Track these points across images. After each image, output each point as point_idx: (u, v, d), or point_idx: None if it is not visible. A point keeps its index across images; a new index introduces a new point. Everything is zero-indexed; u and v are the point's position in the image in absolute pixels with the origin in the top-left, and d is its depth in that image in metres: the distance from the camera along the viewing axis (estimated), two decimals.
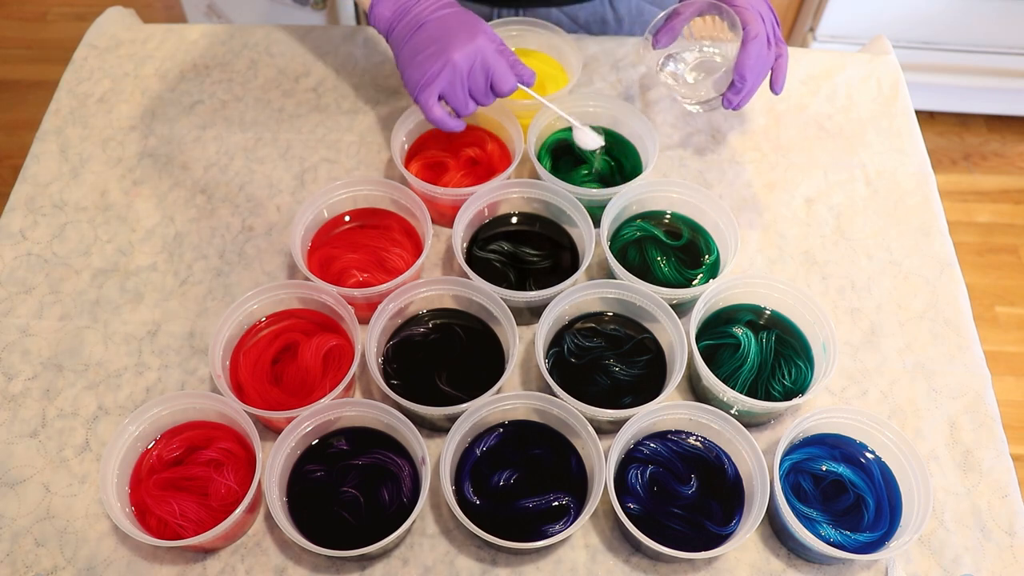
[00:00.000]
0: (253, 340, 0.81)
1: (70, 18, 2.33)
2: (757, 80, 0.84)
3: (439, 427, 0.79)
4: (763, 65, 0.84)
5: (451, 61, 0.79)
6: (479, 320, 0.83)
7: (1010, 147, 2.10)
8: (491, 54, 0.80)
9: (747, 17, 0.83)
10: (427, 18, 0.81)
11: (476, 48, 0.79)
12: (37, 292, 0.87)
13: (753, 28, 0.82)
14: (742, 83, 0.83)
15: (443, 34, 0.80)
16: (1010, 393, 1.73)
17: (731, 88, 0.84)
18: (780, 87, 0.88)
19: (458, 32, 0.80)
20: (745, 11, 0.84)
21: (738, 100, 0.85)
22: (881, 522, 0.72)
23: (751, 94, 0.85)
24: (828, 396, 0.83)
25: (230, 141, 0.99)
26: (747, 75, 0.83)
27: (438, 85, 0.80)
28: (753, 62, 0.82)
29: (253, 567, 0.73)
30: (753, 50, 0.82)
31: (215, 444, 0.75)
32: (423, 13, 0.81)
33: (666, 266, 0.86)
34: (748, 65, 0.82)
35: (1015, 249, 1.94)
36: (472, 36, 0.79)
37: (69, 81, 1.04)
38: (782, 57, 0.87)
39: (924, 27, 1.85)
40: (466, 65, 0.79)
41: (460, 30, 0.80)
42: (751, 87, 0.84)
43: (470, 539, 0.74)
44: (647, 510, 0.73)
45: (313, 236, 0.87)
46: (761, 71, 0.84)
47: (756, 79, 0.84)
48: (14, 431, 0.79)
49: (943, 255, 0.92)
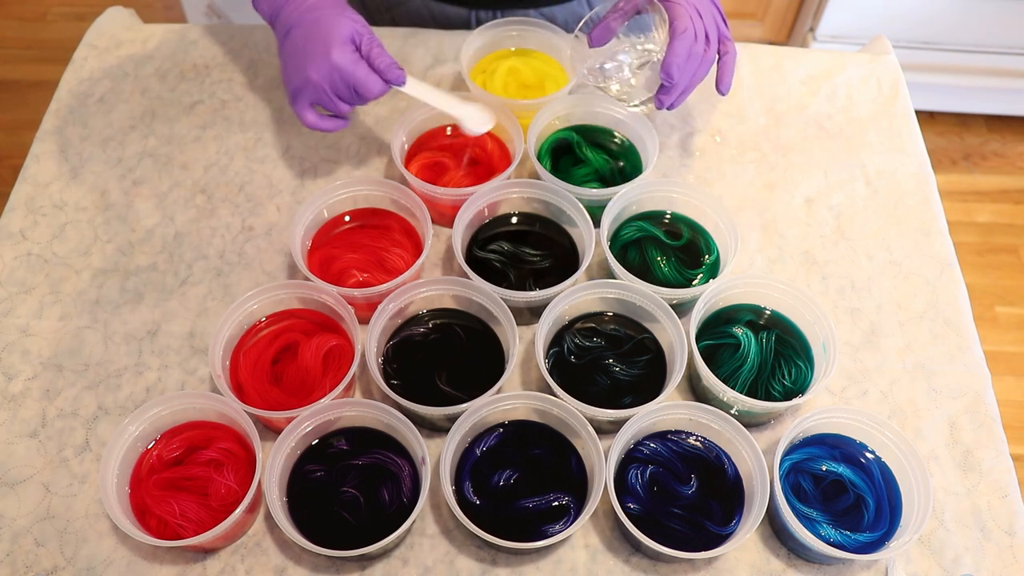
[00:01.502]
0: (253, 340, 0.81)
1: (70, 18, 2.33)
2: (688, 78, 0.81)
3: (439, 427, 0.79)
4: (695, 63, 0.80)
5: (310, 80, 0.80)
6: (479, 320, 0.83)
7: (1010, 147, 2.10)
8: (347, 66, 0.79)
9: (675, 12, 0.80)
10: (292, 23, 0.81)
11: (330, 65, 0.79)
12: (37, 292, 0.87)
13: (680, 23, 0.79)
14: (669, 81, 0.79)
15: (304, 46, 0.80)
16: (1010, 393, 1.73)
17: (661, 88, 0.81)
18: (726, 87, 0.84)
19: (315, 46, 0.79)
20: (675, 6, 0.80)
21: (670, 100, 0.82)
22: (881, 522, 0.72)
23: (686, 93, 0.83)
24: (828, 396, 0.83)
25: (230, 141, 0.99)
26: (673, 73, 0.79)
27: (305, 98, 0.82)
28: (681, 60, 0.79)
29: (253, 567, 0.73)
30: (679, 47, 0.78)
31: (215, 444, 0.75)
32: (290, 17, 0.81)
33: (666, 266, 0.86)
34: (674, 63, 0.78)
35: (1015, 249, 1.94)
36: (327, 50, 0.79)
37: (69, 81, 1.04)
38: (728, 55, 0.84)
39: (924, 27, 1.85)
40: (325, 81, 0.80)
41: (316, 43, 0.79)
42: (682, 86, 0.81)
43: (470, 539, 0.74)
44: (647, 510, 0.73)
45: (313, 236, 0.87)
46: (693, 69, 0.81)
47: (686, 77, 0.81)
48: (14, 431, 0.79)
49: (943, 255, 0.92)
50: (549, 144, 0.95)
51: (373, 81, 0.81)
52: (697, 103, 1.03)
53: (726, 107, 1.03)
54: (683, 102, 0.84)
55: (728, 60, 0.84)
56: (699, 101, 1.03)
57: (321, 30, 0.80)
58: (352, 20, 0.81)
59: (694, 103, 1.03)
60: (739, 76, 1.06)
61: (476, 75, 1.00)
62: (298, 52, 0.80)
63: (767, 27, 2.04)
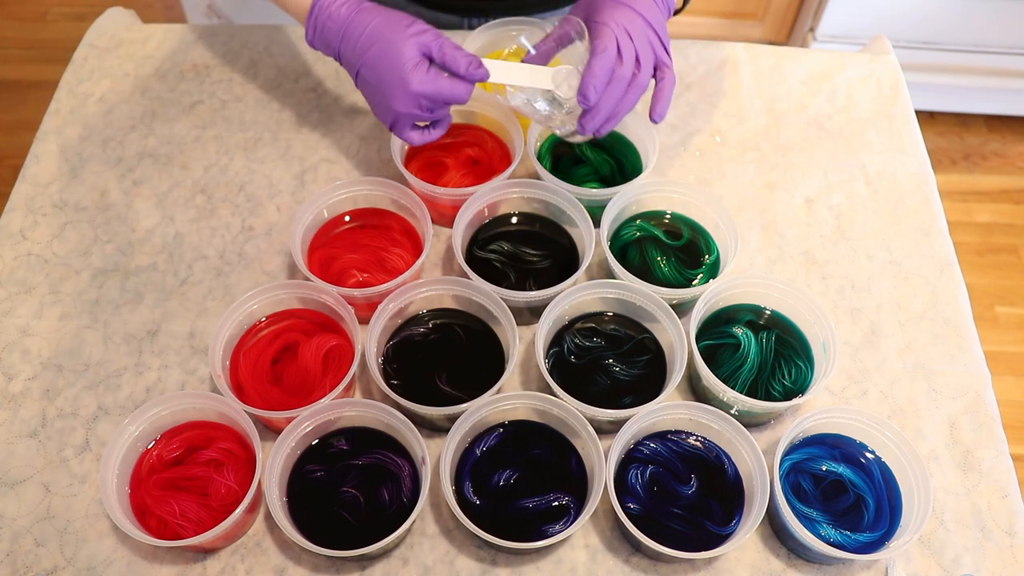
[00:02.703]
0: (253, 340, 0.81)
1: (70, 18, 2.33)
2: (612, 103, 0.76)
3: (439, 427, 0.79)
4: (619, 87, 0.76)
5: (400, 114, 0.77)
6: (479, 320, 0.83)
7: (1010, 147, 2.10)
8: (428, 87, 0.75)
9: (597, 31, 0.76)
10: (358, 64, 0.77)
11: (412, 95, 0.76)
12: (37, 292, 0.87)
13: (601, 42, 0.74)
14: (586, 104, 0.75)
15: (378, 85, 0.77)
16: (1010, 393, 1.73)
17: (582, 113, 0.77)
18: (659, 115, 0.79)
19: (390, 80, 0.76)
20: (599, 26, 0.76)
21: (593, 125, 0.77)
22: (881, 522, 0.72)
23: (613, 119, 0.78)
24: (828, 396, 0.83)
25: (230, 141, 0.99)
26: (590, 95, 0.74)
27: (401, 126, 0.80)
28: (598, 82, 0.74)
29: (253, 567, 0.73)
30: (596, 67, 0.74)
31: (215, 444, 0.75)
32: (352, 57, 0.78)
33: (666, 266, 0.86)
34: (591, 85, 0.74)
35: (1015, 249, 1.94)
36: (404, 83, 0.75)
37: (69, 81, 1.04)
38: (664, 81, 0.79)
39: (924, 27, 1.85)
40: (413, 109, 0.77)
41: (391, 77, 0.75)
42: (605, 110, 0.77)
43: (470, 539, 0.74)
44: (647, 510, 0.73)
45: (313, 236, 0.87)
46: (617, 94, 0.76)
47: (610, 101, 0.76)
48: (14, 431, 0.79)
49: (943, 255, 0.92)
50: (549, 144, 0.95)
51: (460, 88, 0.77)
52: (697, 103, 1.03)
53: (726, 107, 1.03)
54: (612, 128, 0.80)
55: (664, 87, 0.79)
56: (699, 101, 1.03)
57: (388, 63, 0.76)
58: (413, 35, 0.76)
59: (695, 103, 1.03)
60: (739, 76, 1.06)
61: None
62: (376, 90, 0.78)
63: (767, 27, 2.05)
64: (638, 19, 0.77)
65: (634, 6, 0.78)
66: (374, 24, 0.76)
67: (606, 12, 0.77)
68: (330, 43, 0.79)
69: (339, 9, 0.78)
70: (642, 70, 0.77)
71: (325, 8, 0.78)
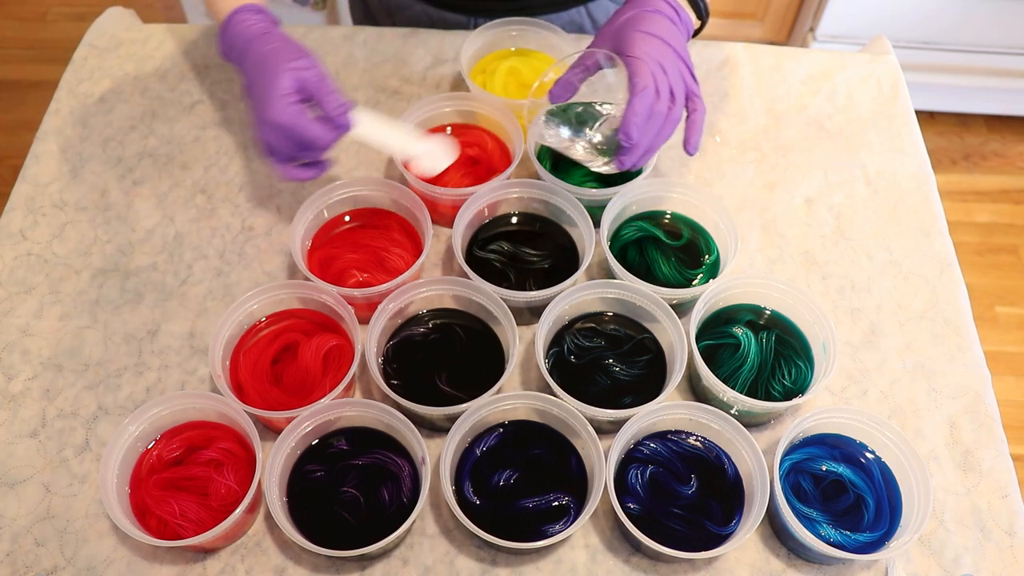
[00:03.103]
0: (253, 340, 0.81)
1: (70, 18, 2.34)
2: (650, 138, 0.77)
3: (439, 427, 0.79)
4: (658, 122, 0.76)
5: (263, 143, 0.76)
6: (479, 320, 0.83)
7: (1010, 147, 2.10)
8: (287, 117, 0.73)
9: (635, 68, 0.75)
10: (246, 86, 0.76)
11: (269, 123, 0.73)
12: (37, 292, 0.87)
13: (640, 81, 0.74)
14: (628, 142, 0.75)
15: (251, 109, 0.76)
16: (1010, 393, 1.73)
17: (620, 149, 0.77)
18: (693, 148, 0.80)
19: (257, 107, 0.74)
20: (636, 61, 0.75)
21: (631, 161, 0.77)
22: (881, 522, 0.72)
23: (649, 153, 0.78)
24: (828, 396, 0.83)
25: (230, 141, 0.99)
26: (632, 133, 0.74)
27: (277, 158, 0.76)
28: (640, 120, 0.74)
29: (253, 567, 0.73)
30: (638, 105, 0.74)
31: (215, 444, 0.75)
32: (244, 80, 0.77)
33: (666, 266, 0.86)
34: (633, 123, 0.74)
35: (1015, 249, 1.94)
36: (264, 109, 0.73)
37: (69, 81, 1.04)
38: (696, 112, 0.79)
39: (924, 27, 1.85)
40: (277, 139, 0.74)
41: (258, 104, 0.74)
42: (643, 146, 0.77)
43: (470, 539, 0.74)
44: (647, 510, 0.73)
45: (313, 236, 0.87)
46: (655, 129, 0.76)
47: (647, 137, 0.76)
48: (14, 431, 0.79)
49: (943, 255, 0.92)
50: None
51: (321, 132, 0.74)
52: None
53: (726, 107, 1.03)
54: (648, 162, 0.79)
55: (696, 118, 0.79)
56: None
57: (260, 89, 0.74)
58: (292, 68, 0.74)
59: None
60: (739, 76, 1.06)
61: (476, 75, 1.00)
62: (251, 115, 0.77)
63: (767, 27, 2.05)
64: (669, 51, 0.77)
65: (663, 37, 0.77)
66: (266, 50, 0.76)
67: (638, 46, 0.76)
68: (233, 59, 0.80)
69: (248, 28, 0.78)
70: (676, 103, 0.77)
71: (237, 23, 0.78)
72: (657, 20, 0.78)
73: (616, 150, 0.79)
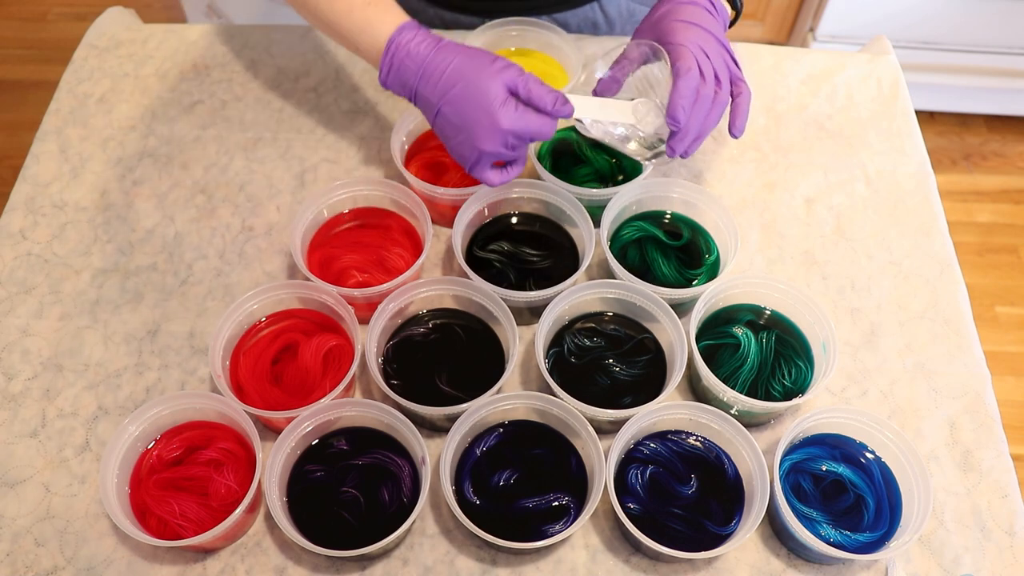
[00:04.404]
0: (253, 340, 0.81)
1: (70, 18, 2.34)
2: (699, 122, 0.76)
3: (439, 427, 0.79)
4: (705, 106, 0.76)
5: (485, 152, 0.74)
6: (479, 320, 0.83)
7: (1010, 147, 2.10)
8: (517, 124, 0.73)
9: (678, 53, 0.75)
10: (440, 103, 0.74)
11: (501, 133, 0.73)
12: (37, 292, 0.87)
13: (684, 63, 0.74)
14: (676, 125, 0.75)
15: (462, 123, 0.74)
16: (1010, 393, 1.73)
17: (670, 136, 0.76)
18: (739, 130, 0.80)
19: (477, 117, 0.73)
20: (678, 47, 0.75)
21: (683, 147, 0.77)
22: (881, 522, 0.72)
23: (699, 139, 0.77)
24: (828, 396, 0.83)
25: (230, 141, 0.99)
26: (679, 116, 0.74)
27: (483, 166, 0.76)
28: (686, 102, 0.74)
29: (253, 567, 0.73)
30: (683, 87, 0.74)
31: (215, 444, 0.75)
32: (433, 96, 0.75)
33: (666, 266, 0.86)
34: (679, 105, 0.74)
35: (1015, 249, 1.94)
36: (492, 121, 0.73)
37: (69, 81, 1.04)
38: (741, 96, 0.79)
39: (924, 27, 1.85)
40: (499, 147, 0.74)
41: (477, 114, 0.73)
42: (693, 131, 0.76)
43: (470, 539, 0.74)
44: (647, 510, 0.73)
45: (313, 236, 0.87)
46: (703, 112, 0.76)
47: (695, 120, 0.76)
48: (14, 431, 0.79)
49: (943, 255, 0.92)
50: (549, 144, 0.95)
51: (546, 126, 0.74)
52: None
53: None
54: (697, 149, 0.79)
55: (741, 101, 0.79)
56: None
57: (475, 101, 0.73)
58: (498, 72, 0.73)
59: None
60: None
61: None
62: (459, 129, 0.74)
63: (767, 27, 2.04)
64: (710, 38, 0.77)
65: (703, 24, 0.78)
66: (456, 61, 0.74)
67: (680, 34, 0.77)
68: (407, 82, 0.76)
69: (418, 47, 0.75)
70: (722, 87, 0.77)
71: (403, 46, 0.75)
72: (695, 11, 0.79)
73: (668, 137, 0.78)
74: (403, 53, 0.75)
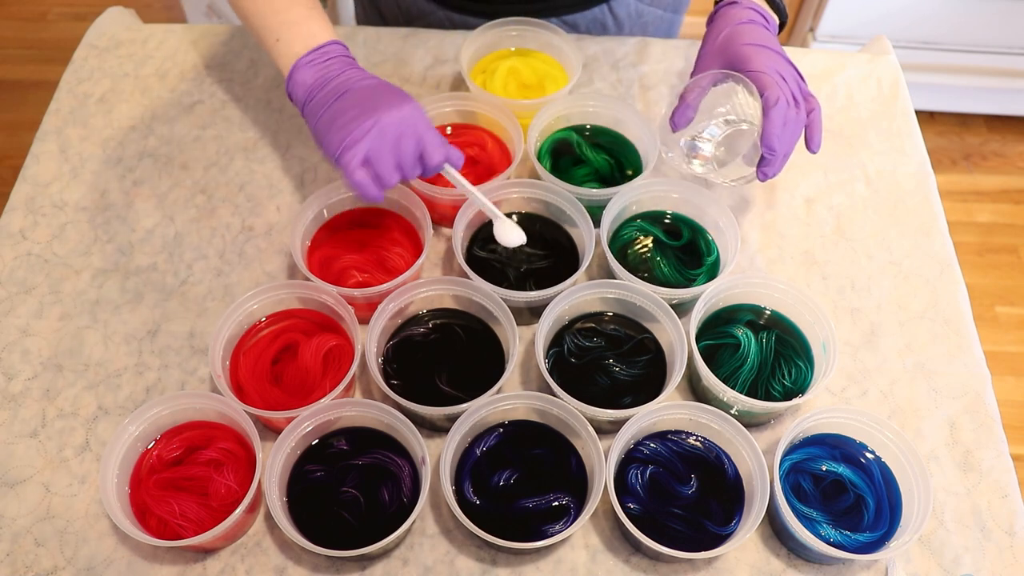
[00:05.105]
0: (253, 340, 0.81)
1: (70, 18, 2.34)
2: (789, 146, 0.78)
3: (439, 427, 0.79)
4: (792, 129, 0.77)
5: (380, 123, 0.72)
6: (479, 320, 0.83)
7: (1010, 147, 2.10)
8: (423, 123, 0.74)
9: (763, 82, 0.76)
10: (352, 86, 0.75)
11: (407, 115, 0.73)
12: (37, 292, 0.87)
13: (772, 93, 0.75)
14: (772, 154, 0.76)
15: (370, 99, 0.74)
16: (1010, 393, 1.73)
17: (762, 161, 0.77)
18: (816, 145, 0.81)
19: (388, 98, 0.74)
20: (761, 75, 0.76)
21: (774, 171, 0.78)
22: (881, 522, 0.72)
23: (786, 160, 0.79)
24: (828, 396, 0.83)
25: (230, 141, 0.99)
26: (775, 145, 0.76)
27: (364, 145, 0.73)
28: (779, 130, 0.76)
29: (253, 567, 0.73)
30: (776, 117, 0.75)
31: (215, 444, 0.75)
32: (347, 82, 0.76)
33: (666, 266, 0.86)
34: (774, 135, 0.75)
35: (1015, 249, 1.94)
36: (402, 102, 0.74)
37: (69, 81, 1.04)
38: (814, 112, 0.80)
39: (924, 27, 1.85)
40: (395, 130, 0.73)
41: (390, 96, 0.74)
42: (783, 155, 0.78)
43: (470, 539, 0.74)
44: (647, 510, 0.73)
45: (313, 236, 0.87)
46: (791, 136, 0.77)
47: (787, 146, 0.77)
48: (14, 431, 0.79)
49: (943, 255, 0.92)
50: (549, 144, 0.95)
51: (441, 149, 0.76)
52: None
53: None
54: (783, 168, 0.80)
55: (815, 117, 0.80)
56: None
57: (394, 90, 0.75)
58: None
59: None
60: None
61: (476, 75, 1.00)
62: (360, 104, 0.74)
63: None
64: (781, 59, 0.78)
65: (769, 45, 0.78)
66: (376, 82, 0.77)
67: (755, 60, 0.77)
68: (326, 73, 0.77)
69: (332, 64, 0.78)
70: (800, 107, 0.78)
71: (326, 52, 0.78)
72: (756, 31, 0.79)
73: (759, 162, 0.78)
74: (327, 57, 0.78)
